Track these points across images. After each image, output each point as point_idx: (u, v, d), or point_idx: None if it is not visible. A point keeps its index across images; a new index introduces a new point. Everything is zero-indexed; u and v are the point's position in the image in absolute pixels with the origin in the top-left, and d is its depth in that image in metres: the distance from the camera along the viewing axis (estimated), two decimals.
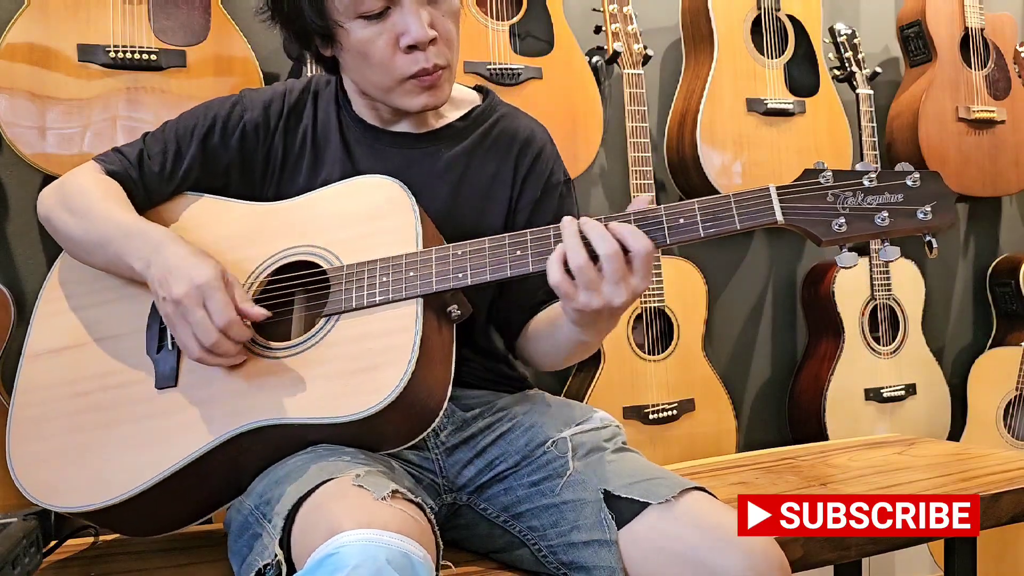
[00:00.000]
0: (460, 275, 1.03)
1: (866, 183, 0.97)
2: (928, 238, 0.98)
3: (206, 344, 1.00)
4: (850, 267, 1.00)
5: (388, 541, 0.80)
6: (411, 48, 1.07)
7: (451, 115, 1.22)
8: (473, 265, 1.03)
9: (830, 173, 0.98)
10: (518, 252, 1.02)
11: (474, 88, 1.29)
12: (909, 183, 0.97)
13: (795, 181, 0.99)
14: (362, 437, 1.02)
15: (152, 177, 1.18)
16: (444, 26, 1.09)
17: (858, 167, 0.99)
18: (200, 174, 1.19)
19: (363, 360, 1.00)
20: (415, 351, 0.98)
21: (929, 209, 0.96)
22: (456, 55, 1.13)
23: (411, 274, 1.03)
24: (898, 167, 0.99)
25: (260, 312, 1.03)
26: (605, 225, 0.97)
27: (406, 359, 0.98)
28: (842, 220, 0.97)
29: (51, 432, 1.08)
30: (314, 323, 1.06)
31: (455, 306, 1.07)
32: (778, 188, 0.98)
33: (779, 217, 0.97)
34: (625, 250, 0.95)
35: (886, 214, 0.96)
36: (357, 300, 1.04)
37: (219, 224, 1.16)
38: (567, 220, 0.98)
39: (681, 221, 0.98)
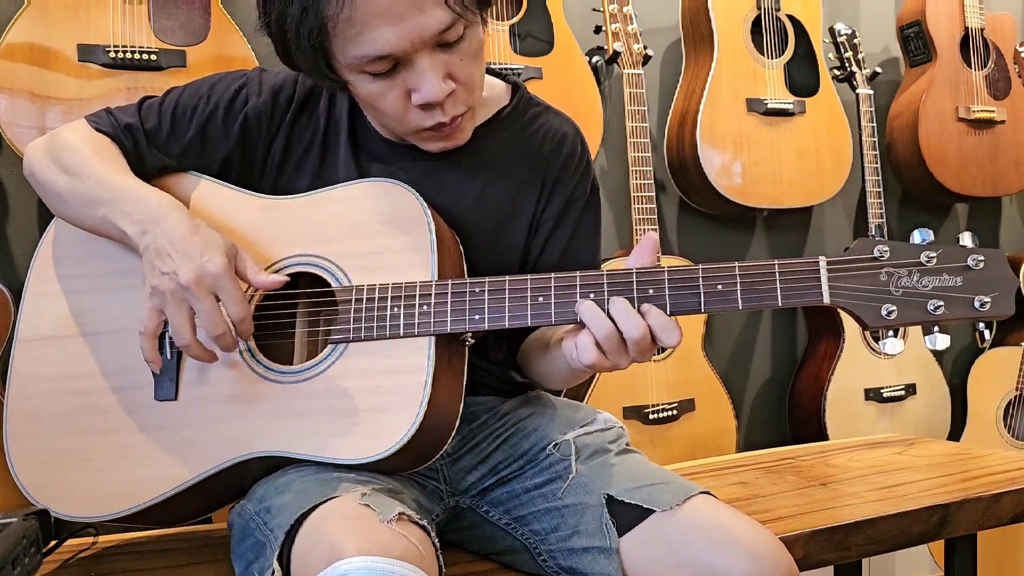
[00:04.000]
0: (476, 317, 0.97)
1: (924, 261, 0.90)
2: (981, 328, 0.93)
3: (214, 334, 0.95)
4: (893, 355, 0.96)
5: (391, 569, 0.79)
6: (426, 105, 0.97)
7: (477, 119, 1.11)
8: (491, 308, 0.97)
9: (887, 248, 0.91)
10: (540, 299, 0.96)
11: (503, 77, 1.19)
12: (971, 264, 0.90)
13: (848, 253, 0.92)
14: (365, 470, 0.99)
15: (143, 152, 1.11)
16: (464, 71, 0.98)
17: (917, 237, 0.93)
18: (197, 158, 1.11)
19: (371, 399, 0.97)
20: (426, 396, 0.95)
21: (988, 300, 0.90)
22: (480, 91, 1.04)
23: (424, 308, 0.98)
24: (962, 241, 0.92)
25: (277, 279, 0.98)
26: (638, 309, 0.92)
27: (416, 404, 0.94)
28: (892, 307, 0.90)
29: (49, 431, 1.06)
30: (318, 345, 1.04)
31: (469, 333, 1.02)
32: (829, 261, 0.92)
33: (826, 298, 0.91)
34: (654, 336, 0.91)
35: (941, 304, 0.90)
36: (367, 331, 0.99)
37: (222, 216, 1.09)
38: (589, 306, 0.93)
39: (719, 288, 0.93)
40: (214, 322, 0.95)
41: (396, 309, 0.99)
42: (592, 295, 0.94)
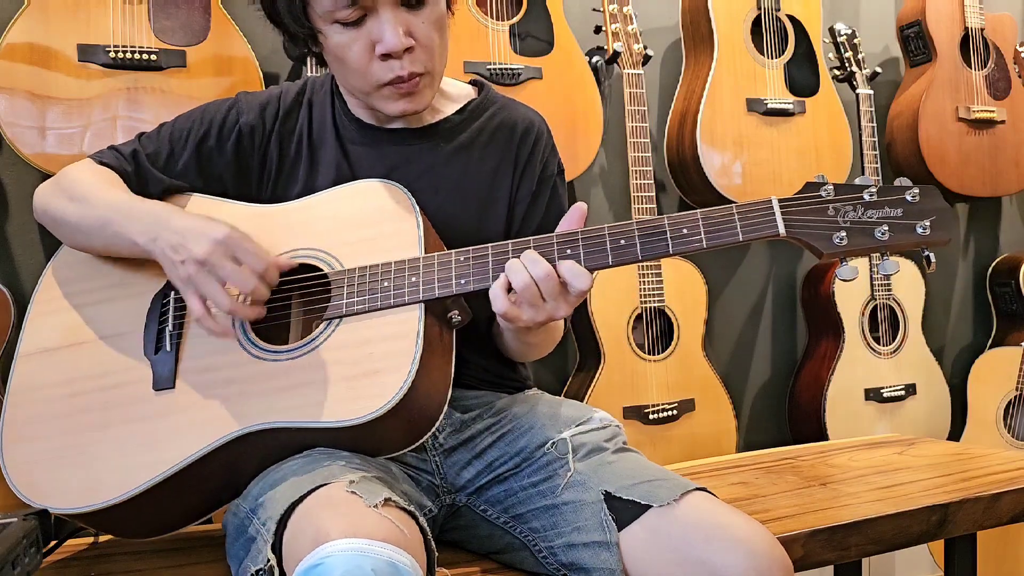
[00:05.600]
0: (463, 281, 1.03)
1: (866, 197, 0.99)
2: (926, 253, 0.99)
3: (247, 289, 1.02)
4: (850, 279, 1.01)
5: (374, 550, 0.80)
6: (386, 56, 1.06)
7: (447, 109, 1.22)
8: (476, 271, 1.03)
9: (831, 187, 0.99)
10: None
11: (470, 82, 1.29)
12: (908, 198, 0.98)
13: (797, 194, 1.00)
14: (360, 442, 1.01)
15: (146, 176, 1.18)
16: (424, 33, 1.07)
17: (858, 181, 1.00)
18: (195, 178, 1.19)
19: (364, 365, 1.00)
20: (417, 356, 0.98)
21: (928, 224, 0.97)
22: (439, 61, 1.12)
23: (413, 279, 1.03)
24: (897, 182, 1.00)
25: (288, 262, 1.07)
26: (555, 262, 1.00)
27: (408, 364, 0.97)
28: (843, 234, 0.98)
29: (45, 432, 1.07)
30: (313, 327, 1.05)
31: (455, 312, 1.07)
32: (780, 200, 1.00)
33: (781, 230, 0.99)
34: (561, 279, 0.99)
35: (886, 228, 0.98)
36: (359, 304, 1.03)
37: None
38: (512, 262, 1.00)
39: (684, 231, 1.00)
40: (243, 280, 1.02)
41: (387, 283, 1.04)
42: (568, 250, 1.01)
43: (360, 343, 1.02)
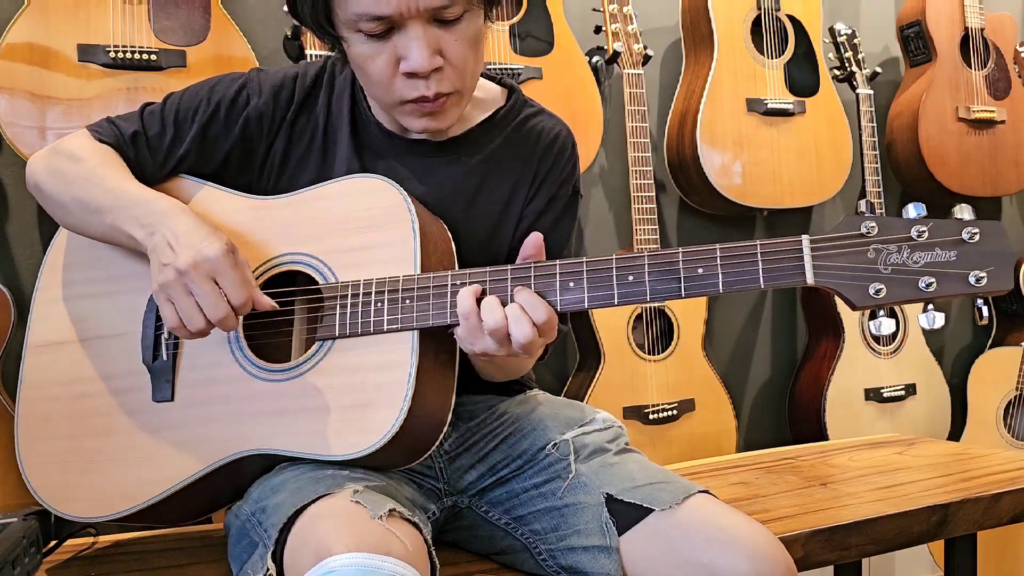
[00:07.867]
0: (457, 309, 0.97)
1: (915, 236, 0.84)
2: (979, 304, 0.89)
3: (214, 317, 0.95)
4: (884, 335, 0.93)
5: (378, 565, 0.79)
6: (411, 74, 0.98)
7: (474, 119, 1.14)
8: None
9: (874, 223, 0.86)
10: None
11: (499, 82, 1.20)
12: (966, 237, 0.83)
13: (835, 230, 0.88)
14: (359, 465, 1.00)
15: (146, 159, 1.12)
16: (455, 52, 0.99)
17: (910, 210, 0.86)
18: (197, 159, 1.12)
19: (357, 394, 0.97)
20: (410, 390, 0.95)
21: (984, 275, 0.82)
22: (470, 79, 1.03)
23: (407, 302, 0.98)
24: (957, 212, 0.86)
25: (268, 302, 1.00)
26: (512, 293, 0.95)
27: (400, 399, 0.95)
28: (880, 286, 0.85)
29: (55, 434, 1.08)
30: (308, 342, 1.04)
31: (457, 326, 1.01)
32: (812, 240, 0.87)
33: (809, 278, 0.87)
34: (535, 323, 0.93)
35: (932, 280, 0.84)
36: (351, 327, 1.00)
37: (213, 218, 1.10)
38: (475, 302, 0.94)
39: (700, 271, 0.91)
40: (212, 304, 0.95)
41: (380, 304, 0.99)
42: (572, 283, 0.95)
43: (353, 369, 0.99)
